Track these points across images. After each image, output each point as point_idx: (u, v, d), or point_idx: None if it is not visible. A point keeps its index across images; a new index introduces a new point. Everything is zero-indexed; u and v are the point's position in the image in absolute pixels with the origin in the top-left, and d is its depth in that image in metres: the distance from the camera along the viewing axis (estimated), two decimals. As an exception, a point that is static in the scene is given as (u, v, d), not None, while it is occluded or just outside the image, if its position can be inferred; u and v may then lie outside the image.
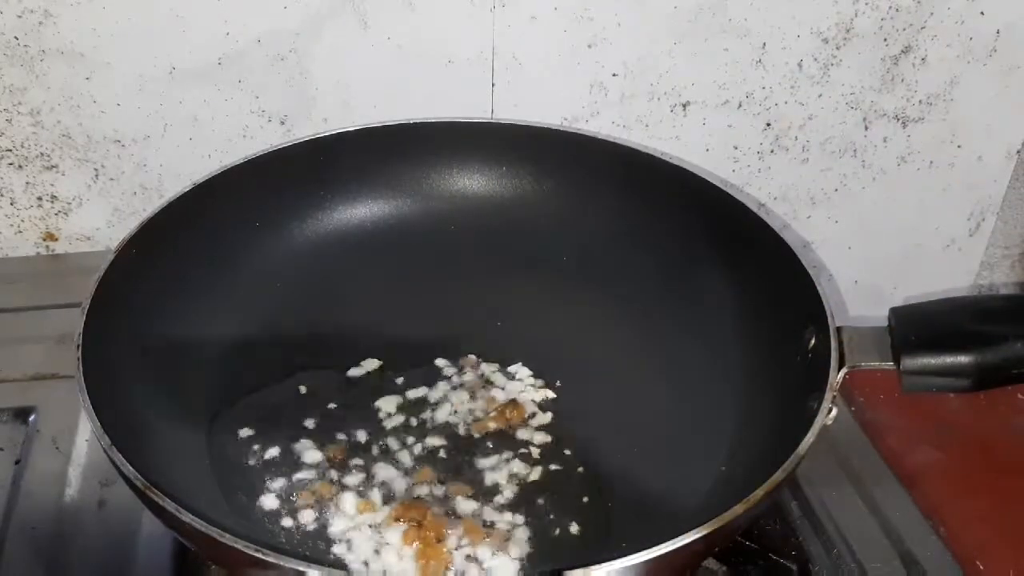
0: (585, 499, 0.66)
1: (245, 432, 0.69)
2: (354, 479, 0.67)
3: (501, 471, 0.68)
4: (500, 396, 0.73)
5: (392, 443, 0.69)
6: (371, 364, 0.75)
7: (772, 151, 0.98)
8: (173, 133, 0.88)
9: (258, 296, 0.79)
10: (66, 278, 0.90)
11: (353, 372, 0.75)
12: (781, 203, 1.01)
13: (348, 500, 0.65)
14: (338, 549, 0.62)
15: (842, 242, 1.05)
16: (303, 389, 0.73)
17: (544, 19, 0.87)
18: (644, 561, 0.53)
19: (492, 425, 0.71)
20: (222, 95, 0.87)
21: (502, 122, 0.88)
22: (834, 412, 0.62)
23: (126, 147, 0.89)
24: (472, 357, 0.76)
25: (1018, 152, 1.01)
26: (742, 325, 0.75)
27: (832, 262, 1.05)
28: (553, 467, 0.68)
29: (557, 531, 0.64)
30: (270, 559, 0.52)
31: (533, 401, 0.73)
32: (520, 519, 0.65)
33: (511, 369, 0.75)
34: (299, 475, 0.67)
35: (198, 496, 0.62)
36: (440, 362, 0.76)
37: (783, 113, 0.95)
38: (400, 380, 0.74)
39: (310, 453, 0.68)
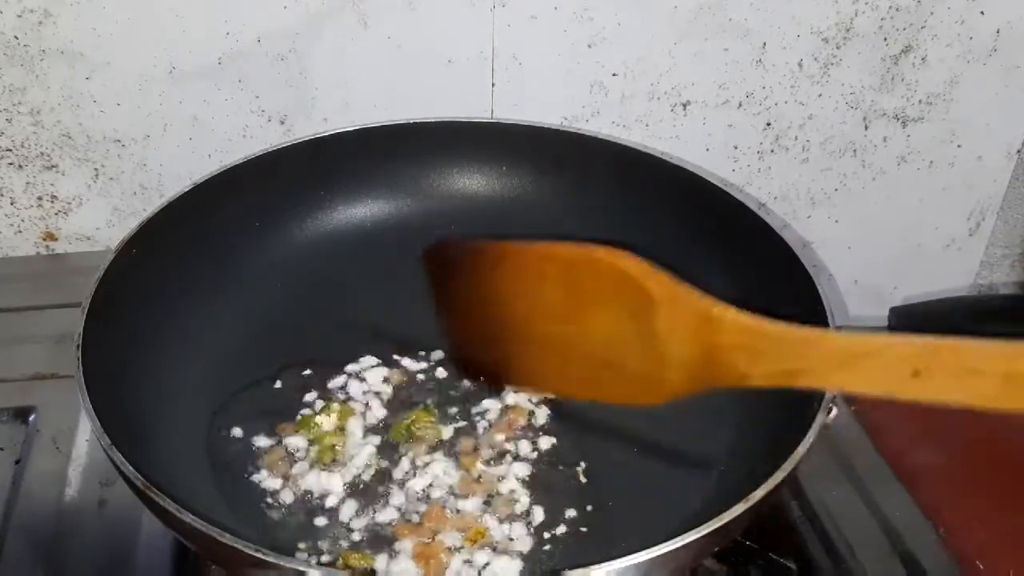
0: (585, 499, 0.66)
1: (245, 431, 0.69)
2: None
3: (501, 471, 0.68)
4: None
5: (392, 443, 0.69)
6: (370, 363, 0.75)
7: (772, 151, 0.98)
8: (173, 133, 0.88)
9: (258, 296, 0.79)
10: (66, 278, 0.90)
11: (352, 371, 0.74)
12: (781, 203, 1.01)
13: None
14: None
15: (842, 242, 1.05)
16: (303, 388, 0.73)
17: (544, 19, 0.87)
18: (644, 561, 0.53)
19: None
20: (222, 95, 0.87)
21: (502, 122, 0.88)
22: (834, 412, 0.62)
23: (126, 147, 0.89)
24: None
25: (1018, 152, 1.01)
26: (742, 325, 0.75)
27: (832, 262, 1.05)
28: (553, 467, 0.68)
29: (557, 531, 0.64)
30: (270, 559, 0.52)
31: (532, 402, 0.73)
32: (520, 519, 0.65)
33: (511, 369, 0.75)
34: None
35: (198, 496, 0.62)
36: (440, 362, 0.76)
37: (783, 113, 0.95)
38: (400, 380, 0.74)
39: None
